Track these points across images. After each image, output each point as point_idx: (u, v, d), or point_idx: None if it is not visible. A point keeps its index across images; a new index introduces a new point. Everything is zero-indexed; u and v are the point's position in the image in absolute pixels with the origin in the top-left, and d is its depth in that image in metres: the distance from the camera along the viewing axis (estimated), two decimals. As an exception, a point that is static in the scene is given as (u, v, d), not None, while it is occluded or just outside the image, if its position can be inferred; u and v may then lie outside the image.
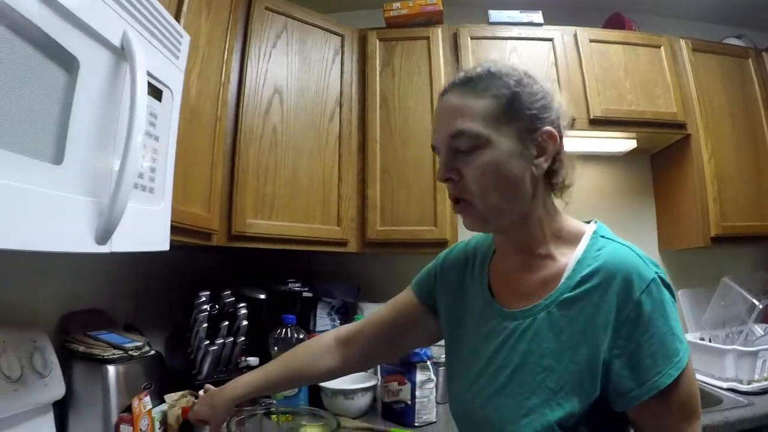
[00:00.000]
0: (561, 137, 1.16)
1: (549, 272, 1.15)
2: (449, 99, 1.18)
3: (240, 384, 1.52)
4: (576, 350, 1.06)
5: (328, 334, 1.57)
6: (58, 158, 1.02)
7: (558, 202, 1.23)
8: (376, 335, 1.51)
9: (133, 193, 1.17)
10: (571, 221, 1.21)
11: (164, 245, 1.41)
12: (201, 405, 1.55)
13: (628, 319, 1.02)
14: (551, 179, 1.19)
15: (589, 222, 1.21)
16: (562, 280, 1.12)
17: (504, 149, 1.12)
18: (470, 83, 1.17)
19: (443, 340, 1.39)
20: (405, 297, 1.48)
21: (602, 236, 1.14)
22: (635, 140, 3.03)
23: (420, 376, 2.13)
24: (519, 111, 1.13)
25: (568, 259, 1.14)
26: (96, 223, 1.12)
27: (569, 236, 1.18)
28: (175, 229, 1.48)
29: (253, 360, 2.34)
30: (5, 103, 0.90)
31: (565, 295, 1.10)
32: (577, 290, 1.09)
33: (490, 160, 1.12)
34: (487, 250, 1.33)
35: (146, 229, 1.34)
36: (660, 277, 1.04)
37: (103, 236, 1.12)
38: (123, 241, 1.21)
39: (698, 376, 2.46)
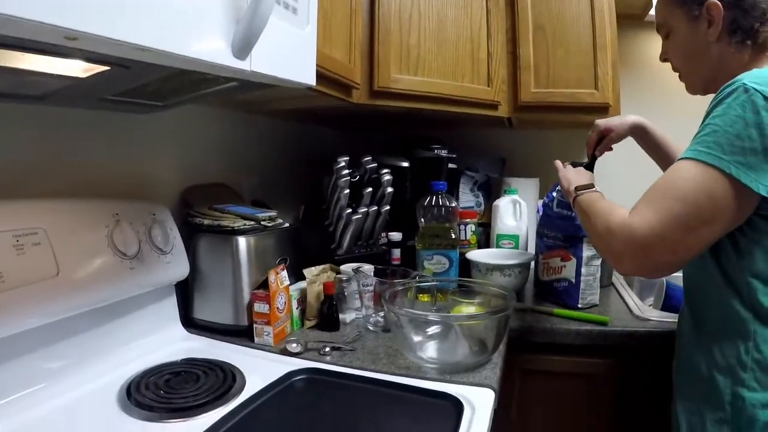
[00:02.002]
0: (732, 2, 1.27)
1: None
2: None
3: (641, 118, 1.87)
4: None
5: None
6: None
7: None
8: None
9: (275, 9, 0.96)
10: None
11: (310, 78, 1.19)
12: (609, 118, 1.88)
13: (709, 107, 1.16)
14: (737, 39, 1.29)
15: None
16: None
17: (682, 32, 1.38)
18: None
19: None
20: None
21: None
22: None
23: (587, 251, 1.87)
24: None
25: None
26: (233, 29, 0.90)
27: None
28: (316, 75, 1.25)
29: (395, 235, 2.15)
30: None
31: None
32: None
33: (676, 44, 1.43)
34: None
35: (290, 54, 1.11)
36: (756, 89, 1.07)
37: (242, 47, 0.90)
38: (265, 62, 1.00)
39: None
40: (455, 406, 1.14)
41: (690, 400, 1.29)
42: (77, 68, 0.94)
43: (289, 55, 1.10)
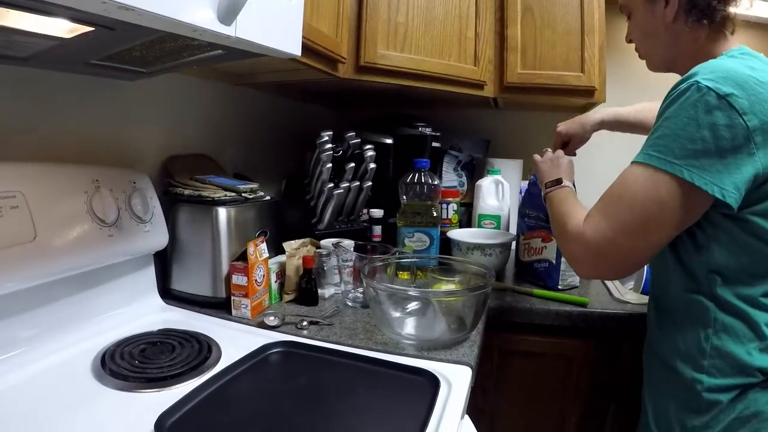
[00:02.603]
0: None
1: None
2: None
3: (608, 110, 1.86)
4: None
5: None
6: None
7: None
8: None
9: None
10: (721, 49, 1.28)
11: (295, 48, 1.17)
12: (570, 123, 1.90)
13: (663, 104, 1.15)
14: (693, 18, 1.28)
15: None
16: None
17: (641, 12, 1.39)
18: None
19: None
20: None
21: (731, 56, 1.22)
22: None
23: (568, 233, 1.87)
24: None
25: None
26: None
27: None
28: (302, 47, 1.23)
29: (376, 212, 2.14)
30: None
31: None
32: None
33: (635, 24, 1.43)
34: None
35: (276, 23, 1.10)
36: (709, 87, 1.05)
37: (228, 12, 0.89)
38: (250, 29, 0.98)
39: None
40: (431, 382, 1.13)
41: (656, 385, 1.32)
42: (62, 28, 0.92)
43: (275, 23, 1.09)
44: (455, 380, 1.17)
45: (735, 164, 1.04)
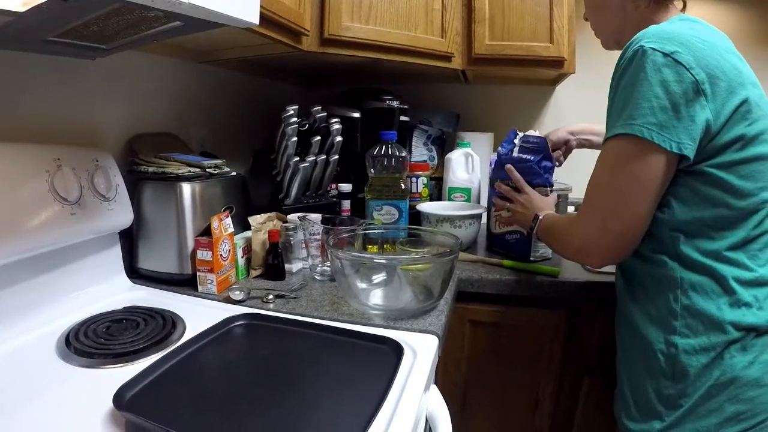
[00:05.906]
0: None
1: None
2: None
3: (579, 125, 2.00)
4: None
5: None
6: None
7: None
8: None
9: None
10: (662, 19, 1.31)
11: (253, 17, 1.14)
12: (555, 131, 2.01)
13: (613, 77, 1.19)
14: None
15: None
16: None
17: None
18: None
19: None
20: None
21: (671, 22, 1.23)
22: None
23: (539, 202, 1.86)
24: None
25: None
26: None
27: None
28: (262, 19, 1.21)
29: (345, 186, 2.14)
30: None
31: None
32: None
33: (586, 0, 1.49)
34: None
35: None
36: (653, 48, 1.10)
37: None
38: (203, -8, 0.95)
39: None
40: (395, 350, 1.13)
41: (629, 354, 1.32)
42: (15, 1, 0.90)
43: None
44: (421, 349, 1.17)
45: (689, 117, 1.07)
